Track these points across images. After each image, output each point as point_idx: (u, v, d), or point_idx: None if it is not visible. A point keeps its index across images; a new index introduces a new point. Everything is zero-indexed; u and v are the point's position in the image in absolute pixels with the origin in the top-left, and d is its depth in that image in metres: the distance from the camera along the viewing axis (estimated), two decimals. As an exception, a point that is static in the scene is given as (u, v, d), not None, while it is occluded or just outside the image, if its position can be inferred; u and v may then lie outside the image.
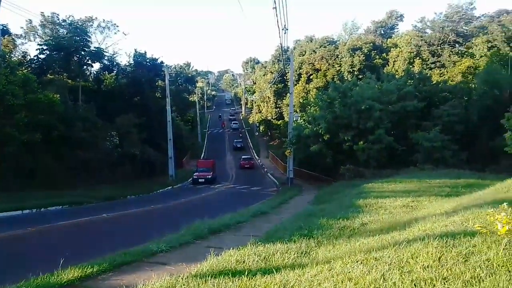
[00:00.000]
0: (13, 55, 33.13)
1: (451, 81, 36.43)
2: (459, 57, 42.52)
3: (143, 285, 4.35)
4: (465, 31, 45.06)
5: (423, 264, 3.77)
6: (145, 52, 43.63)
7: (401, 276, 3.59)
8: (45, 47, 33.38)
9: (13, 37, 37.10)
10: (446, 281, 3.37)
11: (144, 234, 8.77)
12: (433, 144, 23.99)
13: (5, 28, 34.91)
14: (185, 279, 4.38)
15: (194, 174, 34.26)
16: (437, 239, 4.40)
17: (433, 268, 3.65)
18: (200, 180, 32.98)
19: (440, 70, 42.00)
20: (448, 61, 42.55)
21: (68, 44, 32.31)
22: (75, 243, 10.06)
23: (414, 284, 3.40)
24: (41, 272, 5.21)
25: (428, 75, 34.59)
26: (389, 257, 4.17)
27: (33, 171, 22.85)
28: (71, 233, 11.98)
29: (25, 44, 38.49)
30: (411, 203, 10.39)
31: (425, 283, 3.38)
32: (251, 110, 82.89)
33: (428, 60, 44.07)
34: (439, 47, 44.35)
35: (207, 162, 38.07)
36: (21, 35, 38.62)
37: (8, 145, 21.04)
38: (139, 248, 6.85)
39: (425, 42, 44.87)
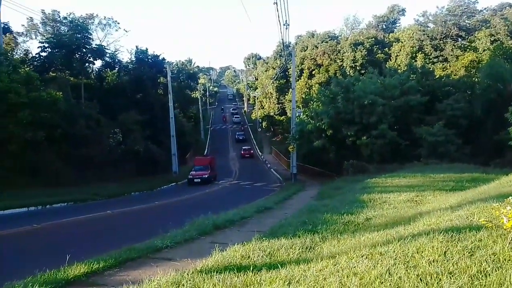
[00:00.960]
0: (15, 53, 33.22)
1: (454, 75, 36.26)
2: (462, 51, 42.33)
3: (149, 280, 4.36)
4: (468, 25, 44.83)
5: (429, 259, 3.77)
6: (147, 49, 43.68)
7: (407, 270, 3.59)
8: (46, 45, 33.42)
9: (14, 35, 37.18)
10: (452, 276, 3.37)
11: (148, 230, 8.80)
12: (437, 138, 23.91)
13: (6, 26, 34.94)
14: (191, 274, 4.39)
15: (190, 174, 31.64)
16: (442, 233, 4.39)
17: (439, 263, 3.65)
18: (195, 180, 30.14)
19: (443, 65, 41.83)
20: (451, 55, 42.37)
21: (70, 41, 32.32)
22: (80, 239, 10.12)
23: (420, 279, 3.39)
24: (47, 268, 5.24)
25: (431, 69, 34.45)
26: (394, 251, 4.17)
27: (37, 169, 22.95)
28: (76, 230, 12.05)
29: (27, 42, 38.63)
30: (415, 198, 10.37)
31: (431, 277, 3.38)
32: (254, 106, 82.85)
33: (431, 54, 43.87)
34: (441, 41, 44.14)
35: (204, 160, 35.27)
36: (22, 33, 38.74)
37: (12, 143, 21.16)
38: (144, 244, 6.88)
39: (428, 36, 44.66)
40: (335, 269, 3.96)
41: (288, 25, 24.57)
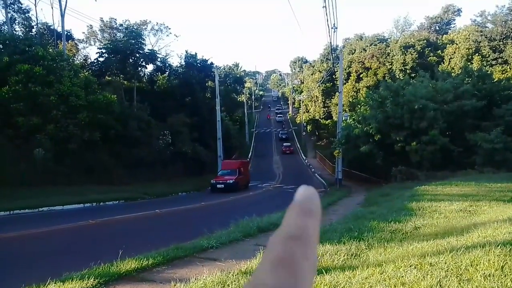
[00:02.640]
0: (76, 59, 35.52)
1: (515, 78, 33.94)
2: (524, 52, 39.56)
3: (195, 279, 4.49)
4: (532, 24, 41.80)
5: (484, 273, 3.58)
6: (196, 54, 44.94)
7: (460, 284, 3.44)
8: (103, 51, 35.38)
9: (75, 42, 39.89)
10: (510, 291, 3.19)
11: (194, 230, 9.05)
12: (494, 145, 22.47)
13: (69, 34, 37.56)
14: (236, 275, 4.47)
15: (214, 178, 28.19)
16: (499, 246, 4.16)
17: (495, 277, 3.46)
18: (218, 186, 26.51)
19: (503, 67, 39.30)
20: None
21: (124, 47, 34.00)
22: (131, 236, 10.61)
23: (474, 293, 3.24)
24: (101, 262, 5.57)
25: (489, 72, 32.43)
26: (445, 263, 4.00)
27: (92, 167, 24.31)
28: (127, 227, 12.64)
29: (86, 48, 41.25)
30: (468, 208, 9.82)
31: (486, 292, 3.22)
32: (298, 110, 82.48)
33: (489, 56, 41.38)
34: (501, 42, 41.50)
35: (233, 163, 31.44)
36: (82, 39, 41.54)
37: (72, 143, 22.59)
38: (190, 243, 7.09)
39: (486, 37, 42.16)
40: (382, 277, 3.87)
41: (336, 28, 24.33)
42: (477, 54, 41.63)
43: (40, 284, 4.67)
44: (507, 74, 35.79)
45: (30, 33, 33.46)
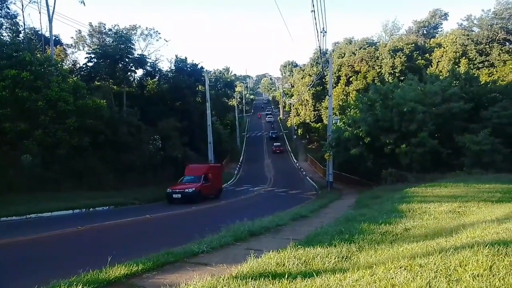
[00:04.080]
0: (64, 64, 35.16)
1: (502, 81, 34.48)
2: (510, 55, 40.20)
3: (185, 284, 4.46)
4: (517, 28, 42.55)
5: (473, 273, 3.61)
6: (186, 58, 44.87)
7: (449, 284, 3.46)
8: (92, 56, 35.13)
9: (64, 46, 39.52)
10: (498, 291, 3.21)
11: (185, 235, 8.99)
12: (482, 147, 22.78)
13: (57, 39, 37.20)
14: (226, 280, 4.44)
15: (170, 187, 22.94)
16: (488, 246, 4.20)
17: (484, 278, 3.49)
18: (174, 196, 21.72)
19: (489, 70, 39.92)
20: (498, 60, 40.36)
21: (114, 52, 33.78)
22: (120, 241, 10.49)
23: (463, 293, 3.26)
24: (90, 268, 5.49)
25: (476, 75, 32.93)
26: (435, 264, 4.02)
27: (81, 173, 24.04)
28: (117, 232, 12.50)
29: (75, 53, 40.88)
30: (457, 209, 9.93)
31: (475, 292, 3.24)
32: (289, 114, 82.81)
33: (476, 59, 42.02)
34: (487, 46, 42.17)
35: (199, 168, 25.72)
36: (71, 44, 41.18)
37: (60, 148, 22.31)
38: (181, 248, 7.03)
39: (472, 41, 42.81)
40: (372, 279, 3.88)
41: (326, 32, 24.55)
42: (464, 58, 42.25)
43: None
44: (493, 77, 36.33)
45: (18, 38, 33.00)
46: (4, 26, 33.64)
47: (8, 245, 9.94)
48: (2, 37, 29.80)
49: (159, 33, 42.47)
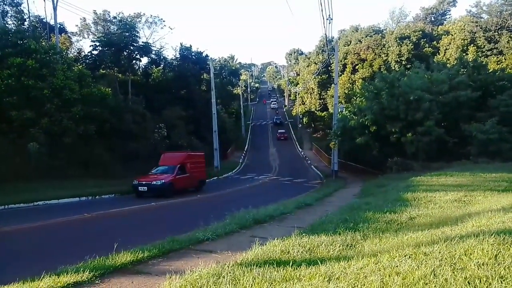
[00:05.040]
0: (69, 52, 35.16)
1: (510, 69, 34.02)
2: (519, 42, 39.59)
3: (190, 271, 4.49)
4: (527, 15, 41.80)
5: (478, 262, 3.60)
6: (191, 46, 44.67)
7: (454, 272, 3.45)
8: (97, 44, 35.04)
9: (69, 35, 39.48)
10: (504, 280, 3.20)
11: (190, 222, 9.04)
12: (489, 136, 22.57)
13: (61, 27, 37.14)
14: (231, 267, 4.47)
15: (137, 178, 19.85)
16: (493, 235, 4.18)
17: (489, 266, 3.47)
18: (140, 189, 18.83)
19: (498, 58, 39.35)
20: (507, 47, 39.77)
21: (118, 40, 33.67)
22: (126, 229, 10.60)
23: (468, 282, 3.24)
24: (96, 255, 5.56)
25: (484, 63, 32.45)
26: (439, 252, 4.01)
27: (87, 161, 24.18)
28: (123, 220, 12.63)
29: (80, 41, 40.87)
30: (463, 198, 9.89)
31: (480, 281, 3.23)
32: (294, 102, 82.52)
33: (484, 47, 41.41)
34: (496, 33, 41.52)
35: (175, 157, 22.17)
36: (76, 32, 41.14)
37: (66, 137, 22.43)
38: (186, 235, 7.09)
39: (481, 28, 42.16)
40: (377, 267, 3.88)
41: (331, 19, 24.27)
42: (472, 45, 41.65)
43: (35, 277, 4.65)
44: (502, 65, 35.83)
45: (22, 26, 33.00)
46: (9, 14, 33.66)
47: (16, 231, 10.08)
48: (7, 25, 29.82)
49: (163, 21, 42.55)
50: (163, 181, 19.14)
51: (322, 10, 38.02)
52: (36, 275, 4.72)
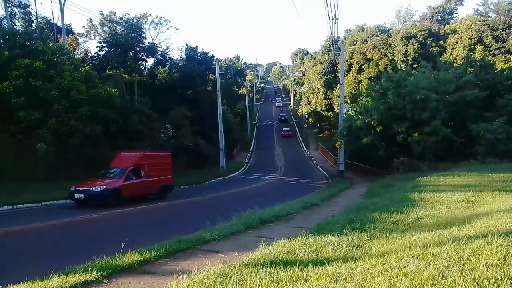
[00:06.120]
0: (76, 53, 35.39)
1: (518, 68, 33.64)
2: (527, 41, 39.20)
3: (197, 271, 4.51)
4: (535, 13, 41.38)
5: (487, 262, 3.57)
6: (196, 47, 44.70)
7: (462, 274, 3.43)
8: (104, 44, 35.22)
9: (76, 36, 39.75)
10: (513, 281, 3.17)
11: (197, 222, 9.07)
12: (497, 136, 22.37)
13: (68, 28, 37.37)
14: (238, 267, 4.48)
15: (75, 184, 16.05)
16: (502, 236, 4.15)
17: (498, 267, 3.45)
18: (76, 196, 15.37)
19: (505, 57, 38.98)
20: (515, 46, 39.40)
21: (125, 40, 33.82)
22: (133, 228, 10.66)
23: (477, 283, 3.22)
24: (104, 255, 5.60)
25: (491, 62, 32.18)
26: (447, 253, 3.99)
27: (94, 161, 24.29)
28: (130, 220, 12.70)
29: (87, 42, 41.11)
30: (471, 198, 9.81)
31: (489, 282, 3.21)
32: (300, 102, 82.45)
33: (491, 46, 41.04)
34: (504, 32, 41.13)
35: (130, 157, 18.39)
36: (83, 34, 41.44)
37: (73, 137, 22.57)
38: (193, 235, 7.12)
39: (488, 26, 41.78)
40: (384, 268, 3.87)
41: (337, 19, 24.18)
42: (479, 44, 41.30)
43: (43, 277, 4.70)
44: (510, 64, 35.50)
45: (30, 27, 33.31)
46: (17, 16, 33.97)
47: (25, 231, 10.17)
48: (15, 27, 30.09)
49: (169, 22, 42.65)
50: (104, 187, 15.39)
51: (328, 10, 38.16)
52: (44, 274, 4.76)
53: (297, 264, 4.41)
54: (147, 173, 17.91)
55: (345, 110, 32.69)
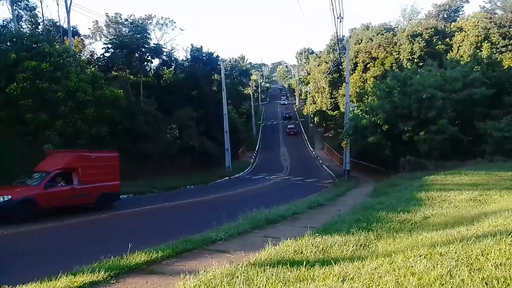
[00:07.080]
0: (82, 54, 35.58)
1: (526, 65, 33.31)
2: (535, 38, 38.80)
3: (204, 271, 4.52)
4: (543, 10, 40.94)
5: (495, 262, 3.55)
6: (201, 47, 44.78)
7: (470, 273, 3.41)
8: (109, 46, 35.35)
9: (82, 37, 39.99)
10: (522, 280, 3.15)
11: (203, 222, 9.09)
12: (504, 134, 22.16)
13: (74, 30, 37.63)
14: (244, 267, 4.49)
15: None
16: (510, 235, 4.11)
17: (507, 267, 3.42)
18: None
19: (513, 54, 38.61)
20: (522, 43, 39.01)
21: (130, 42, 33.93)
22: (141, 229, 10.70)
23: (485, 283, 3.20)
24: (112, 255, 5.63)
25: (498, 59, 31.90)
26: (455, 252, 3.97)
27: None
28: (137, 220, 12.76)
29: (92, 43, 41.31)
30: (479, 197, 9.74)
31: (498, 281, 3.18)
32: (305, 101, 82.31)
33: (499, 43, 40.66)
34: (511, 29, 40.73)
35: (60, 158, 14.98)
36: (88, 35, 41.63)
37: (80, 138, 22.71)
38: (199, 235, 7.14)
39: (495, 24, 41.39)
40: (391, 267, 3.85)
41: (342, 18, 24.04)
42: (486, 41, 40.94)
43: (52, 277, 4.73)
44: (517, 61, 35.15)
45: (37, 30, 33.54)
46: (24, 18, 34.23)
47: (30, 232, 10.24)
48: (22, 29, 30.33)
49: (174, 22, 42.72)
50: (9, 197, 11.88)
51: (333, 9, 38.06)
52: (52, 274, 4.80)
53: (304, 264, 4.40)
54: (82, 178, 14.37)
55: (350, 109, 32.58)
